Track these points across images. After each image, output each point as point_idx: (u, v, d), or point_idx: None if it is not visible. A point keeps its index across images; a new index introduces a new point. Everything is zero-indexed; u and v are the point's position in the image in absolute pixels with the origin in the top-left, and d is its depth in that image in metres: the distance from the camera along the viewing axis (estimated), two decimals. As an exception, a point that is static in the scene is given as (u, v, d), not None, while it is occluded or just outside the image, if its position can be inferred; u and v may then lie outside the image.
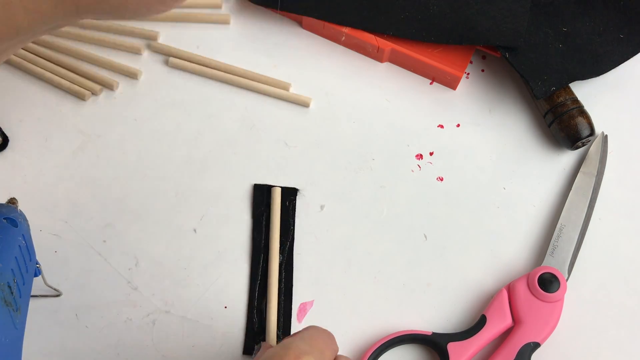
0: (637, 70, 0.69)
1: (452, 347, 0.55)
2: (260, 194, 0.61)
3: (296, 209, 0.61)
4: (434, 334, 0.56)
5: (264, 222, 0.60)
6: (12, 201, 0.49)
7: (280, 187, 0.61)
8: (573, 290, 0.59)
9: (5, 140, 0.62)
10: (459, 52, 0.67)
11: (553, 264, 0.59)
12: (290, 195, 0.61)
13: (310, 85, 0.67)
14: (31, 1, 0.38)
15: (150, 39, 0.68)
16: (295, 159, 0.64)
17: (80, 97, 0.65)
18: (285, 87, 0.66)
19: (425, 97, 0.67)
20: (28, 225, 0.49)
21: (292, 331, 0.57)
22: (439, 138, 0.65)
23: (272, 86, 0.66)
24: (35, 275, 0.51)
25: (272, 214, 0.60)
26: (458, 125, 0.66)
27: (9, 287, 0.43)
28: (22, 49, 0.68)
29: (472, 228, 0.62)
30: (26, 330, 0.47)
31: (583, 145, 0.64)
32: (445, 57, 0.66)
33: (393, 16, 0.67)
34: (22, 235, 0.47)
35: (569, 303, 0.58)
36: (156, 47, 0.68)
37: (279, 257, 0.58)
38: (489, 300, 0.58)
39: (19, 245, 0.46)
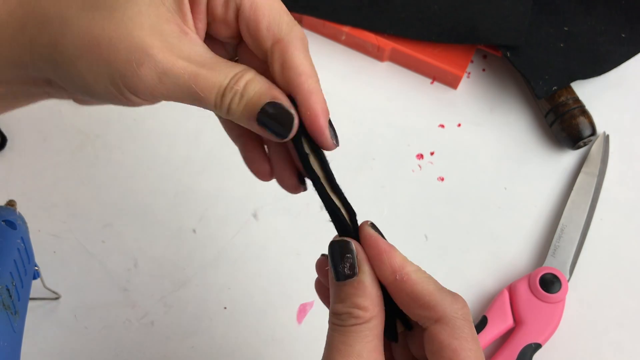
0: (639, 69, 0.68)
1: (453, 349, 0.55)
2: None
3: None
4: (434, 335, 0.56)
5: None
6: (11, 203, 0.49)
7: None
8: (574, 290, 0.58)
9: (4, 140, 0.62)
10: (460, 52, 0.66)
11: (554, 264, 0.58)
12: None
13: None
14: None
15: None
16: (295, 158, 0.63)
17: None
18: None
19: (426, 97, 0.67)
20: (27, 228, 0.49)
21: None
22: (439, 138, 0.65)
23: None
24: (34, 278, 0.50)
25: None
26: (459, 125, 0.66)
27: (8, 290, 0.43)
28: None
29: (473, 228, 0.62)
30: (25, 331, 0.47)
31: (584, 145, 0.64)
32: (446, 56, 0.66)
33: (394, 15, 0.66)
34: (21, 237, 0.46)
35: (571, 304, 0.58)
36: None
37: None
38: (490, 300, 0.58)
39: (18, 248, 0.46)
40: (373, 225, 0.38)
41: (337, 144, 0.38)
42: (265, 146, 0.43)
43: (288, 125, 0.36)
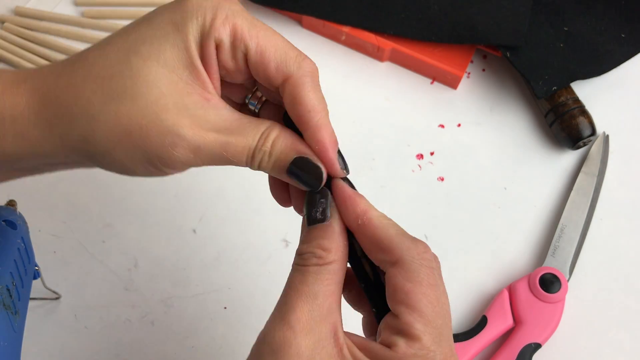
0: (639, 69, 0.68)
1: (453, 348, 0.55)
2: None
3: None
4: (434, 335, 0.56)
5: None
6: (11, 203, 0.49)
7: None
8: (574, 290, 0.58)
9: (4, 140, 0.62)
10: (459, 52, 0.67)
11: (554, 264, 0.58)
12: None
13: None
14: (20, 124, 0.38)
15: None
16: (295, 158, 0.63)
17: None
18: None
19: (426, 97, 0.67)
20: (27, 228, 0.49)
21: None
22: (439, 138, 0.65)
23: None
24: (35, 278, 0.50)
25: None
26: (459, 125, 0.66)
27: (8, 290, 0.43)
28: (21, 48, 0.67)
29: (473, 228, 0.62)
30: (25, 331, 0.47)
31: (584, 145, 0.64)
32: (446, 56, 0.66)
33: (393, 15, 0.66)
34: (21, 237, 0.46)
35: (570, 303, 0.58)
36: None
37: None
38: (490, 300, 0.58)
39: (18, 248, 0.46)
40: (345, 179, 0.40)
41: (347, 171, 0.40)
42: None
43: (318, 177, 0.39)
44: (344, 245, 0.38)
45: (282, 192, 0.43)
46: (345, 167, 0.40)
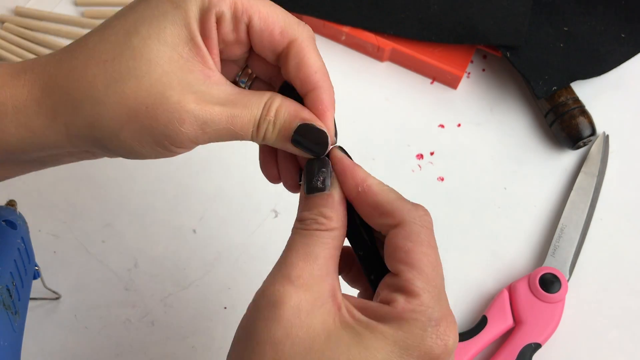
0: (639, 69, 0.68)
1: (453, 348, 0.55)
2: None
3: None
4: (434, 335, 0.56)
5: None
6: (11, 203, 0.49)
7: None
8: (574, 290, 0.58)
9: (4, 140, 0.62)
10: (459, 52, 0.66)
11: (554, 264, 0.58)
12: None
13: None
14: (23, 115, 0.38)
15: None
16: (295, 158, 0.63)
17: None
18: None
19: (426, 97, 0.67)
20: (27, 228, 0.49)
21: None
22: (439, 138, 0.65)
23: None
24: (35, 278, 0.50)
25: None
26: (459, 125, 0.66)
27: (8, 290, 0.43)
28: (21, 48, 0.67)
29: (473, 228, 0.62)
30: (25, 331, 0.47)
31: (584, 145, 0.64)
32: (446, 56, 0.66)
33: (393, 15, 0.66)
34: (21, 237, 0.47)
35: (570, 303, 0.58)
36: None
37: None
38: (490, 300, 0.58)
39: (18, 248, 0.46)
40: (341, 149, 0.40)
41: (335, 139, 0.41)
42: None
43: (323, 143, 0.39)
44: (344, 214, 0.39)
45: (272, 169, 0.44)
46: (335, 133, 0.41)
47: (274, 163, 0.43)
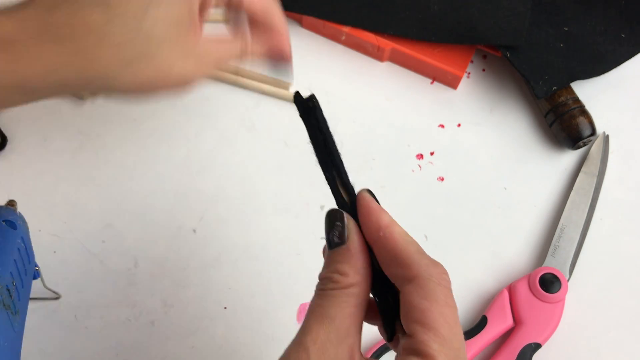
0: (639, 69, 0.68)
1: (452, 348, 0.55)
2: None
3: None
4: (434, 335, 0.56)
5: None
6: (11, 203, 0.49)
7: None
8: (574, 290, 0.58)
9: (4, 140, 0.62)
10: (459, 52, 0.66)
11: (554, 264, 0.58)
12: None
13: (311, 84, 0.66)
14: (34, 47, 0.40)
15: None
16: (295, 159, 0.63)
17: (80, 97, 0.65)
18: (285, 86, 0.66)
19: (426, 97, 0.67)
20: (27, 228, 0.49)
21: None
22: (439, 138, 0.65)
23: (272, 86, 0.66)
24: (34, 278, 0.50)
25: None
26: (459, 125, 0.66)
27: (8, 290, 0.43)
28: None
29: (473, 228, 0.62)
30: (25, 330, 0.47)
31: (584, 145, 0.64)
32: (446, 56, 0.66)
33: (393, 15, 0.66)
34: (21, 237, 0.46)
35: (570, 304, 0.58)
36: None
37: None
38: (490, 300, 0.58)
39: (18, 248, 0.46)
40: (369, 191, 0.40)
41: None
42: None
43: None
44: (364, 267, 0.37)
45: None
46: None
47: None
